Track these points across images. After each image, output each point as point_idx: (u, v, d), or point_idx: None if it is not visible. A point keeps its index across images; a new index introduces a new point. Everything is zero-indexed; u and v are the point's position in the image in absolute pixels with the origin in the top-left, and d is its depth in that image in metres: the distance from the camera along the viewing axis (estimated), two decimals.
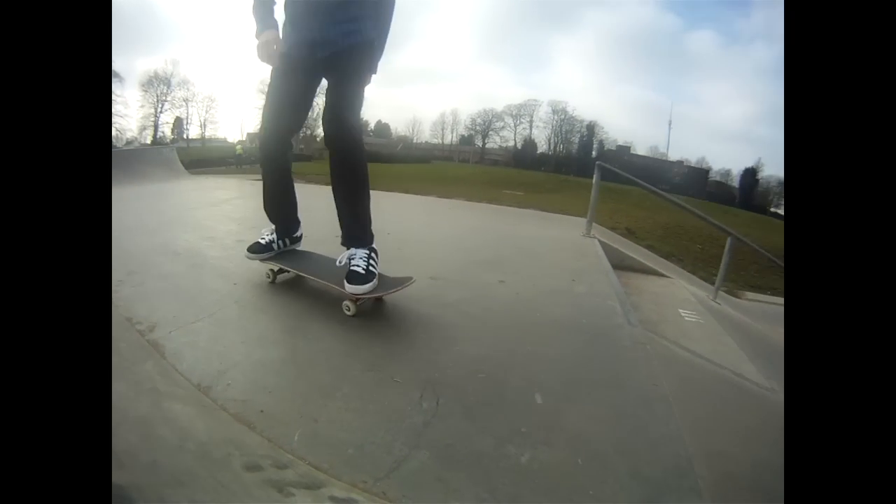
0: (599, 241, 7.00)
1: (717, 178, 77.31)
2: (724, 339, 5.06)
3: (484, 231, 7.65)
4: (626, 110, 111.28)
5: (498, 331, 3.32)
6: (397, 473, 1.92)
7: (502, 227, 8.36)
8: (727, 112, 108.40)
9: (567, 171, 56.28)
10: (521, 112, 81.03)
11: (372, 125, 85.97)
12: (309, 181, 13.78)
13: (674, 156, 78.49)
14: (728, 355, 4.51)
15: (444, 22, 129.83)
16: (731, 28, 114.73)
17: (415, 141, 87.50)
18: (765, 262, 13.00)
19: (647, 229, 14.39)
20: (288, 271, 3.90)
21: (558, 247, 6.64)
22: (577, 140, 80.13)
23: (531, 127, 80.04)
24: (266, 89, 3.46)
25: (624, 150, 77.17)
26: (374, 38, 3.40)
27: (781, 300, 11.02)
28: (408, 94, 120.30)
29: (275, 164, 3.65)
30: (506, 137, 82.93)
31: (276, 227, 3.95)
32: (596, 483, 1.93)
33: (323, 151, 8.10)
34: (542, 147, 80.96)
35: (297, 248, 4.10)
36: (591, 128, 78.77)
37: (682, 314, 5.60)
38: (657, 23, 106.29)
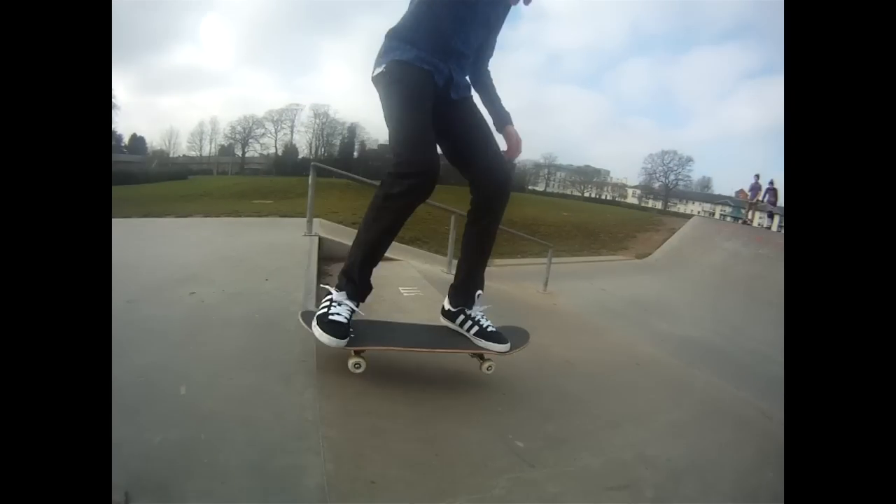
0: (320, 237, 7.36)
1: None
2: (440, 305, 5.36)
3: (199, 246, 7.66)
4: None
5: (170, 338, 3.43)
6: None
7: (219, 240, 8.44)
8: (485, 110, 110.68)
9: (329, 174, 55.80)
10: (283, 118, 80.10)
11: (126, 140, 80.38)
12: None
13: None
14: (432, 314, 4.53)
15: (206, 22, 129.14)
16: (500, 36, 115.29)
17: (171, 155, 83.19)
18: (508, 234, 13.54)
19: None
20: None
21: (268, 250, 6.96)
22: (338, 142, 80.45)
23: (292, 132, 79.23)
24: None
25: (385, 148, 73.58)
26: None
27: (519, 261, 12.49)
28: (166, 104, 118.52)
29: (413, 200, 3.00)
30: (266, 144, 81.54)
31: (352, 289, 3.13)
32: (212, 453, 2.19)
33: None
34: (303, 152, 79.19)
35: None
36: (352, 129, 79.53)
37: (402, 291, 5.99)
38: None
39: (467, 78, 3.34)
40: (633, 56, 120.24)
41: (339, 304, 3.05)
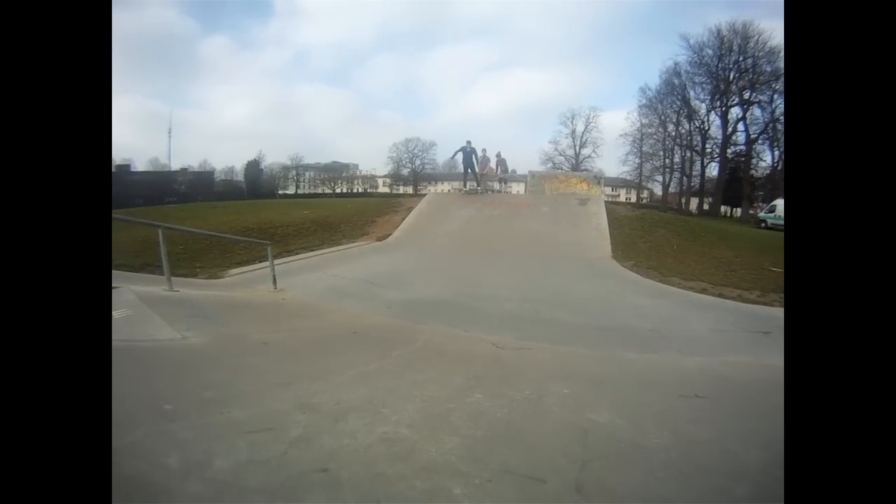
0: None
1: (224, 177, 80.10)
2: (148, 318, 5.54)
3: None
4: (128, 123, 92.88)
5: None
6: None
7: None
8: (231, 113, 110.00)
9: None
10: None
11: None
12: None
13: (176, 164, 76.45)
14: (139, 329, 5.06)
15: None
16: (246, 35, 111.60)
17: None
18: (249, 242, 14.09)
19: (122, 250, 13.99)
20: None
21: None
22: None
23: None
24: None
25: (124, 168, 66.86)
26: None
27: (256, 266, 12.42)
28: None
29: None
30: None
31: None
32: None
33: None
34: None
35: None
36: None
37: (115, 314, 5.67)
38: (175, 26, 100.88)
39: None
40: (380, 53, 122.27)
41: None
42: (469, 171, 22.17)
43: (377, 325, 6.69)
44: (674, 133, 57.89)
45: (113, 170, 68.72)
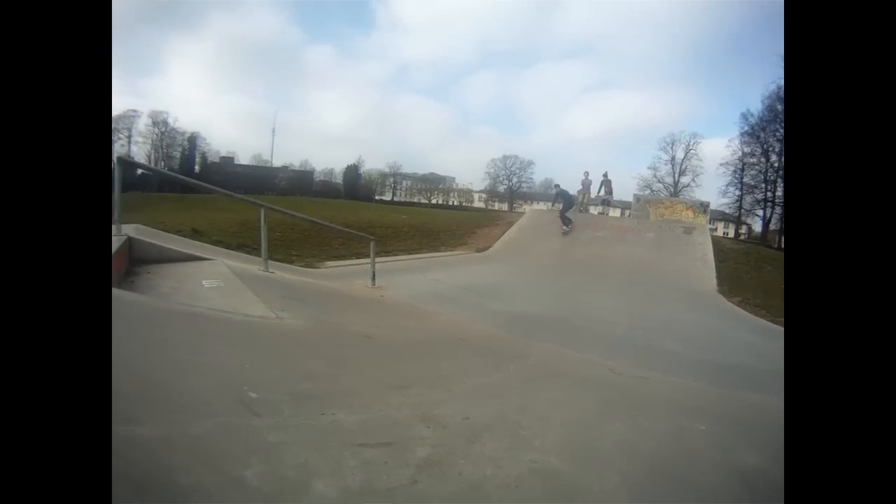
0: (130, 238, 7.15)
1: (322, 178, 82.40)
2: (242, 293, 5.54)
3: None
4: (233, 120, 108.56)
5: None
6: None
7: None
8: (333, 118, 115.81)
9: (171, 189, 53.94)
10: (119, 126, 68.78)
11: None
12: None
13: (278, 162, 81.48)
14: (231, 301, 4.96)
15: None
16: (349, 45, 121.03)
17: None
18: (347, 237, 14.28)
19: (223, 228, 15.13)
20: None
21: None
22: (178, 154, 73.15)
23: (130, 143, 69.36)
24: None
25: (228, 161, 76.65)
26: None
27: (353, 261, 12.79)
28: None
29: None
30: None
31: None
32: None
33: None
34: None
35: None
36: (192, 140, 73.64)
37: (204, 283, 6.01)
38: (282, 34, 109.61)
39: None
40: (479, 69, 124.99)
41: None
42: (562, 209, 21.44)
43: (484, 335, 6.35)
44: (777, 164, 50.61)
45: (217, 160, 75.23)
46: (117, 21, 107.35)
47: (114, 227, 7.36)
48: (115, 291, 4.33)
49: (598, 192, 24.22)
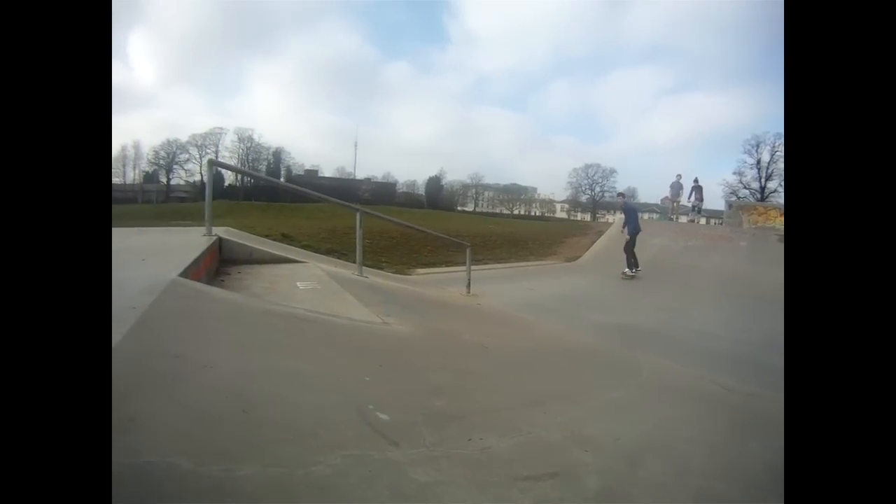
0: (221, 238, 7.31)
1: (405, 189, 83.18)
2: (340, 296, 5.52)
3: None
4: (315, 135, 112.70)
5: None
6: None
7: (120, 240, 8.55)
8: (413, 131, 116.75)
9: (257, 198, 56.28)
10: (207, 142, 76.04)
11: None
12: None
13: (361, 174, 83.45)
14: (329, 304, 4.88)
15: (135, 38, 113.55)
16: (425, 61, 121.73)
17: None
18: (435, 245, 14.83)
19: (311, 233, 15.52)
20: None
21: (160, 244, 6.92)
22: (264, 168, 76.33)
23: (217, 157, 73.49)
24: None
25: (312, 173, 78.90)
26: None
27: (444, 269, 13.03)
28: None
29: None
30: (191, 171, 77.36)
31: None
32: None
33: None
34: (229, 178, 72.82)
35: None
36: (277, 154, 78.51)
37: (298, 285, 6.00)
38: (358, 53, 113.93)
39: None
40: (555, 78, 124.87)
41: None
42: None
43: (589, 348, 6.21)
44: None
45: (301, 173, 78.22)
46: (202, 47, 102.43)
47: (205, 227, 7.58)
48: (207, 288, 4.35)
49: (689, 198, 23.46)
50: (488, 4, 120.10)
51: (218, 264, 6.66)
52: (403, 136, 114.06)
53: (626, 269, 14.78)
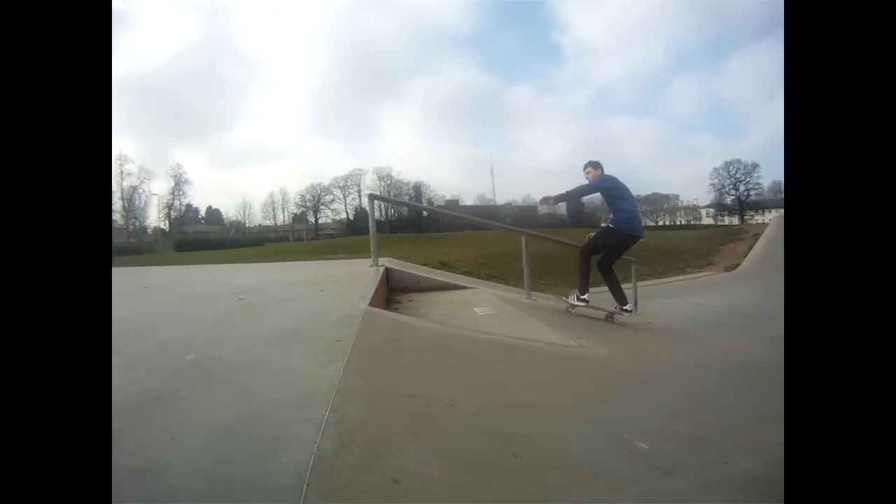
0: (387, 267, 7.55)
1: (546, 210, 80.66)
2: (524, 320, 5.66)
3: (274, 274, 8.66)
4: (451, 166, 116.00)
5: (215, 329, 3.88)
6: None
7: (291, 272, 9.25)
8: (547, 151, 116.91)
9: (402, 230, 58.47)
10: (349, 183, 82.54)
11: (202, 212, 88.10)
12: None
13: (501, 200, 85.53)
14: (520, 329, 4.97)
15: (271, 99, 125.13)
16: (546, 80, 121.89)
17: (247, 225, 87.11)
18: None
19: (467, 260, 15.87)
20: None
21: (330, 276, 7.61)
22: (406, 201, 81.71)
23: (360, 196, 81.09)
24: None
25: (453, 203, 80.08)
26: None
27: (602, 289, 12.22)
28: (237, 177, 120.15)
29: None
30: (337, 210, 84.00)
31: None
32: (186, 409, 2.23)
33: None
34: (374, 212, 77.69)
35: None
36: (417, 188, 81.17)
37: (476, 311, 6.00)
38: (477, 84, 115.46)
39: None
40: (676, 74, 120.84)
41: None
42: None
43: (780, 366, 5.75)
44: None
45: (443, 203, 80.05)
46: (334, 99, 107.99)
47: (371, 258, 7.96)
48: (400, 317, 4.67)
49: None
50: (591, 12, 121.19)
51: (387, 293, 6.84)
52: (537, 158, 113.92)
53: (584, 296, 7.58)
